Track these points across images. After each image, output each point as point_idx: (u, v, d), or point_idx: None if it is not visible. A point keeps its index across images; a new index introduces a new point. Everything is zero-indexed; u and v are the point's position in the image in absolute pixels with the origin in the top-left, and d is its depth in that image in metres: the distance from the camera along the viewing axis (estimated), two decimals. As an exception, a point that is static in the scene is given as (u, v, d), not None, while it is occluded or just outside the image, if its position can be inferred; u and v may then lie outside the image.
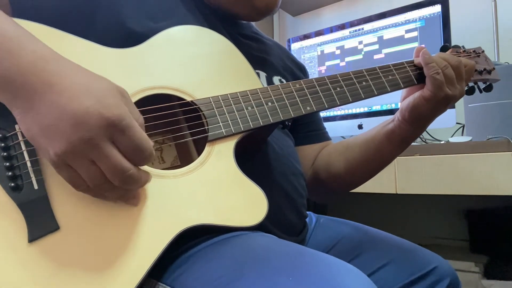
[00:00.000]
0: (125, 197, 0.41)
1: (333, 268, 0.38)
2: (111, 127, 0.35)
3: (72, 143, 0.34)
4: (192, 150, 0.54)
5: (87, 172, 0.36)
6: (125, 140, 0.36)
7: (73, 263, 0.37)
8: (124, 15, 0.53)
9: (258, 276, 0.38)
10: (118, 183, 0.37)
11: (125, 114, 0.36)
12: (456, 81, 0.60)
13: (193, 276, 0.42)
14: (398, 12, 1.33)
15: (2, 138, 0.39)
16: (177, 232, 0.42)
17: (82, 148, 0.34)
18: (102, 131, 0.35)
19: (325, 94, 0.56)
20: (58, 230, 0.38)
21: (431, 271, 0.60)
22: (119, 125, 0.35)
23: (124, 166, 0.36)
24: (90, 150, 0.35)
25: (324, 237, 0.70)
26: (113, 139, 0.36)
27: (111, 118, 0.35)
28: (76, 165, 0.36)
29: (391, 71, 0.61)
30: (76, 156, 0.35)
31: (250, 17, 0.69)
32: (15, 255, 0.36)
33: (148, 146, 0.38)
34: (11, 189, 0.38)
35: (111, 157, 0.35)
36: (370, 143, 0.68)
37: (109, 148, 0.35)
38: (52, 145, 0.34)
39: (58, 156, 0.35)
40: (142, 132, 0.38)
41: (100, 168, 0.36)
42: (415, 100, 0.60)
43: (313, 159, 0.78)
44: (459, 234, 1.47)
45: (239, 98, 0.51)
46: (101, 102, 0.35)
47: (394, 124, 0.64)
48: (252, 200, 0.46)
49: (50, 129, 0.34)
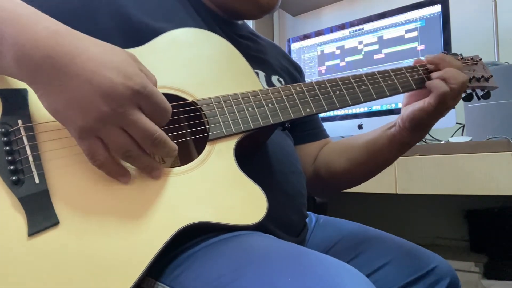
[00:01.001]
0: (151, 166, 0.42)
1: (332, 269, 0.38)
2: (137, 95, 0.38)
3: (104, 113, 0.36)
4: (192, 151, 0.54)
5: (117, 140, 0.38)
6: (150, 105, 0.39)
7: (71, 258, 0.38)
8: (127, 13, 0.53)
9: (257, 277, 0.38)
10: (149, 145, 0.40)
11: (146, 81, 0.39)
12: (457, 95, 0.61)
13: (192, 276, 0.42)
14: (398, 12, 1.33)
15: (4, 132, 0.40)
16: (177, 229, 0.42)
17: (113, 117, 0.37)
18: (129, 99, 0.37)
19: (325, 97, 0.57)
20: (58, 224, 0.39)
21: (431, 271, 0.60)
22: (144, 92, 0.38)
23: (153, 128, 0.39)
24: (121, 118, 0.37)
25: (324, 237, 0.70)
26: (140, 105, 0.39)
27: (135, 87, 0.37)
28: (106, 134, 0.38)
29: (390, 76, 0.62)
30: (107, 125, 0.37)
31: (252, 15, 0.69)
32: (15, 248, 0.37)
33: (168, 106, 0.41)
34: (12, 183, 0.38)
35: (141, 121, 0.38)
36: (372, 145, 0.69)
37: (138, 114, 0.38)
38: (82, 116, 0.36)
39: (88, 127, 0.37)
40: (161, 95, 0.41)
41: (129, 135, 0.39)
42: (415, 112, 0.61)
43: (314, 157, 0.79)
44: (459, 234, 1.47)
45: (239, 99, 0.52)
46: (122, 72, 0.37)
47: (396, 129, 0.65)
48: (252, 199, 0.47)
49: (79, 101, 0.36)
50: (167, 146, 0.41)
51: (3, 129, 0.40)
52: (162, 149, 0.41)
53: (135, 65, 0.40)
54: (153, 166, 0.43)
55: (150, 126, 0.39)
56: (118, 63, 0.38)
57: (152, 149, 0.41)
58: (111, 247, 0.39)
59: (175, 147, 0.43)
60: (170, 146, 0.42)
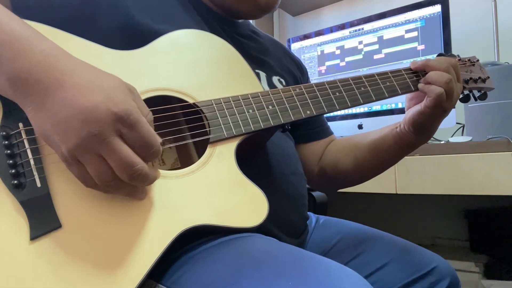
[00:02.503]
0: (133, 194, 0.41)
1: (332, 272, 0.38)
2: (119, 122, 0.36)
3: (82, 138, 0.35)
4: (192, 153, 0.54)
5: (95, 168, 0.36)
6: (133, 135, 0.37)
7: (74, 261, 0.37)
8: (128, 14, 0.53)
9: (257, 280, 0.38)
10: (126, 178, 0.37)
11: (133, 109, 0.37)
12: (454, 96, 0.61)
13: (193, 278, 0.42)
14: (398, 12, 1.33)
15: (5, 136, 0.39)
16: (178, 232, 0.42)
17: (91, 143, 0.35)
18: (111, 126, 0.35)
19: (325, 98, 0.57)
20: (60, 228, 0.38)
21: (431, 271, 0.60)
22: (127, 120, 0.36)
23: (132, 160, 0.36)
24: (99, 145, 0.35)
25: (324, 237, 0.70)
26: (121, 134, 0.36)
27: (119, 113, 0.35)
28: (86, 160, 0.36)
29: (389, 78, 0.62)
30: (85, 151, 0.35)
31: (251, 15, 0.69)
32: (17, 252, 0.36)
33: (155, 141, 0.38)
34: (14, 187, 0.38)
35: (119, 151, 0.36)
36: (379, 144, 0.69)
37: (118, 143, 0.36)
38: (64, 140, 0.35)
39: (69, 151, 0.35)
40: (150, 127, 0.38)
41: (108, 164, 0.36)
42: (415, 116, 0.62)
43: (320, 156, 0.79)
44: (459, 234, 1.47)
45: (240, 101, 0.52)
46: (109, 98, 0.36)
47: (401, 131, 0.66)
48: (253, 201, 0.47)
49: (61, 125, 0.35)
50: (148, 179, 0.39)
51: (4, 133, 0.39)
52: (142, 182, 0.39)
53: (128, 94, 0.38)
54: (135, 194, 0.41)
55: (129, 157, 0.36)
56: (107, 88, 0.36)
57: (130, 182, 0.38)
58: (113, 250, 0.39)
59: (157, 175, 0.40)
60: (151, 177, 0.39)
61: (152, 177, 0.39)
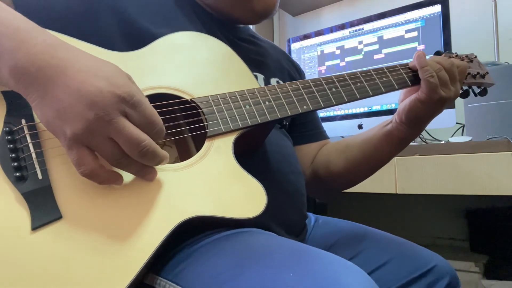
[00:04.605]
0: (142, 172, 0.42)
1: (333, 265, 0.39)
2: (123, 102, 0.38)
3: (89, 121, 0.36)
4: (191, 148, 0.55)
5: (105, 148, 0.38)
6: (137, 115, 0.39)
7: (73, 251, 0.39)
8: (129, 19, 0.54)
9: (259, 272, 0.38)
10: (136, 154, 0.39)
11: (135, 91, 0.39)
12: (450, 83, 0.61)
13: (195, 272, 0.42)
14: (398, 12, 1.33)
15: (8, 131, 0.41)
16: (177, 223, 0.42)
17: (99, 125, 0.36)
18: (116, 107, 0.37)
19: (321, 94, 0.57)
20: (60, 219, 0.40)
21: (431, 270, 0.60)
22: (131, 101, 0.38)
23: (140, 137, 0.38)
24: (107, 126, 0.37)
25: (323, 237, 0.70)
26: (126, 113, 0.38)
27: (122, 95, 0.37)
28: (94, 143, 0.37)
29: (385, 73, 0.62)
30: (94, 134, 0.37)
31: (249, 21, 0.70)
32: (18, 241, 0.38)
33: (158, 119, 0.40)
34: (16, 179, 0.40)
35: (127, 129, 0.38)
36: (369, 143, 0.69)
37: (124, 122, 0.38)
38: (70, 125, 0.36)
39: (76, 135, 0.36)
40: (152, 107, 0.40)
41: (117, 144, 0.38)
42: (411, 103, 0.62)
43: (312, 158, 0.79)
44: (459, 234, 1.47)
45: (237, 97, 0.53)
46: (111, 82, 0.38)
47: (392, 126, 0.66)
48: (251, 193, 0.47)
49: (67, 111, 0.36)
50: (157, 156, 0.40)
51: (7, 128, 0.41)
52: (152, 159, 0.40)
53: (128, 78, 0.40)
54: (145, 171, 0.42)
55: (136, 133, 0.38)
56: (108, 74, 0.38)
57: (140, 159, 0.40)
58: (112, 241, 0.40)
59: (166, 155, 0.42)
60: (161, 155, 0.41)
61: (161, 155, 0.41)
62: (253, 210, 0.45)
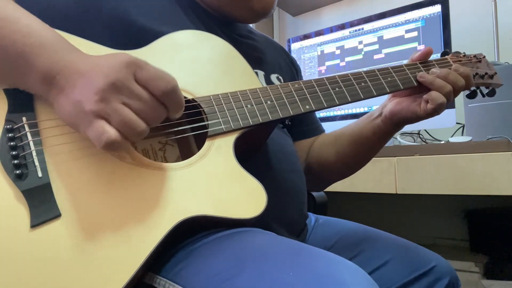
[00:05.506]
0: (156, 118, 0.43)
1: (333, 264, 0.39)
2: (131, 65, 0.40)
3: (103, 89, 0.38)
4: (193, 147, 0.55)
5: (121, 113, 0.39)
6: (145, 72, 0.41)
7: (72, 249, 0.39)
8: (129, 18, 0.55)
9: (259, 272, 0.38)
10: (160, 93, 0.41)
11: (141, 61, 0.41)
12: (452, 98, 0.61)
13: (194, 271, 0.42)
14: (398, 12, 1.33)
15: (9, 129, 0.41)
16: (176, 222, 0.42)
17: (113, 91, 0.39)
18: (124, 71, 0.40)
19: (324, 93, 0.57)
20: (59, 216, 0.40)
21: (431, 270, 0.60)
22: (137, 62, 0.41)
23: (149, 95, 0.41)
24: (120, 90, 0.39)
25: (324, 236, 0.70)
26: (135, 74, 0.40)
27: (129, 59, 0.40)
28: (110, 110, 0.39)
29: (390, 73, 0.62)
30: (109, 100, 0.39)
31: (248, 20, 0.70)
32: (17, 239, 0.38)
33: (167, 73, 0.42)
34: (16, 177, 0.40)
35: (137, 89, 0.40)
36: (357, 137, 0.70)
37: (134, 84, 0.40)
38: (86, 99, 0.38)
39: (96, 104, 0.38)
40: (157, 68, 0.42)
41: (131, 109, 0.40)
42: (407, 114, 0.62)
43: (307, 152, 0.80)
44: (459, 234, 1.47)
45: (238, 96, 0.52)
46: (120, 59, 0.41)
47: (381, 120, 0.66)
48: (251, 193, 0.47)
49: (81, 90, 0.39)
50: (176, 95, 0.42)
51: (8, 126, 0.41)
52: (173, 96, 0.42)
53: None
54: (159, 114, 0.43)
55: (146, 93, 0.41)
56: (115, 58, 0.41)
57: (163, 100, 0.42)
58: (111, 239, 0.40)
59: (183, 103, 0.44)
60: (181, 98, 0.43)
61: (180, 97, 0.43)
62: (253, 210, 0.45)
